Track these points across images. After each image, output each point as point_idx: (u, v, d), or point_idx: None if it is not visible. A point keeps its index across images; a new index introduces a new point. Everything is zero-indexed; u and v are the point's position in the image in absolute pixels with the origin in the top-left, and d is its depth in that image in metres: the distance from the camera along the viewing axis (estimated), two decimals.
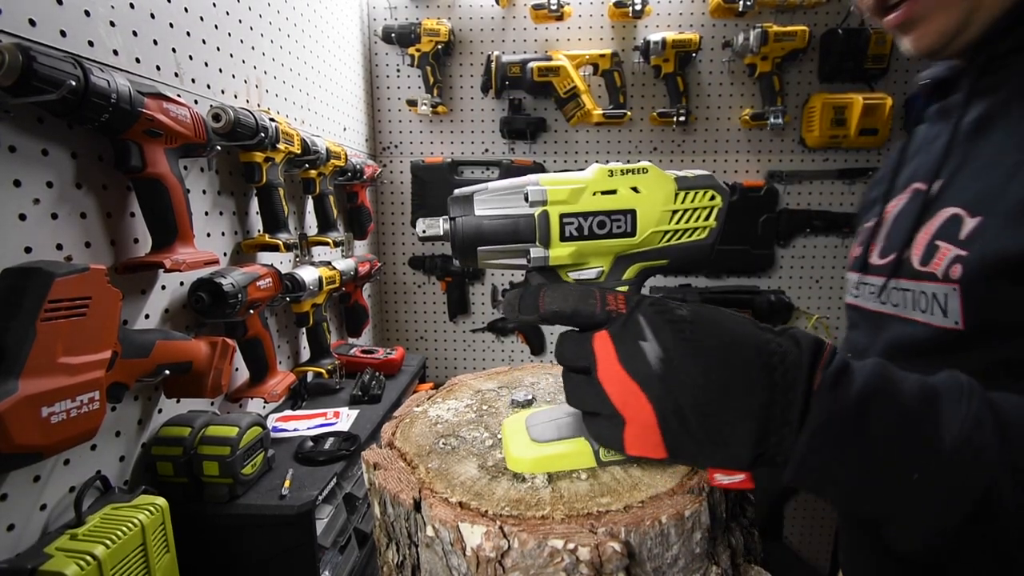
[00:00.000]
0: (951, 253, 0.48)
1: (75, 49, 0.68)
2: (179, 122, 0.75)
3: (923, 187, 0.55)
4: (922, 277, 0.51)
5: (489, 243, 0.44)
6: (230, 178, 1.02)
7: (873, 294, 0.59)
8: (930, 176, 0.54)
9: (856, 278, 0.63)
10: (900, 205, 0.59)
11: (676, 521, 0.39)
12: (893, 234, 0.59)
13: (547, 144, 1.86)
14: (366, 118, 1.82)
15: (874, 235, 0.61)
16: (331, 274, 1.24)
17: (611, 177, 0.45)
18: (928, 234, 0.52)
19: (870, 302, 0.60)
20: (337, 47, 1.57)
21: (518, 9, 1.78)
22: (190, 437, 0.77)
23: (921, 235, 0.53)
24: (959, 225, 0.48)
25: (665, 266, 0.48)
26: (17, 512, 0.61)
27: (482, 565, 0.38)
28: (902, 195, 0.60)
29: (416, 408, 0.62)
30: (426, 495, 0.43)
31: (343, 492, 0.97)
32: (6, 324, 0.52)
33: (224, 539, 0.78)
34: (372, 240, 1.91)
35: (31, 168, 0.63)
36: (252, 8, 1.09)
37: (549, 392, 0.65)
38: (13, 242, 0.61)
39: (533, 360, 1.98)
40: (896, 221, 0.59)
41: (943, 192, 0.52)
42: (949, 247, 0.49)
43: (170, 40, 0.86)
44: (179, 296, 0.87)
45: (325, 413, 1.10)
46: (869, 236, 0.62)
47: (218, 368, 0.82)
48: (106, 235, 0.74)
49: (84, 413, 0.58)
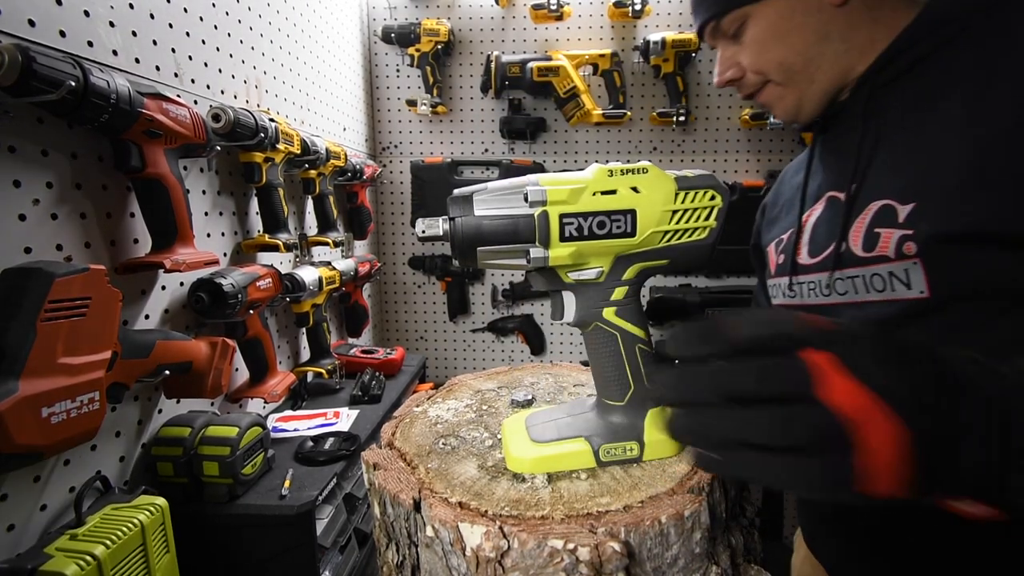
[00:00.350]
0: (896, 234, 0.55)
1: (75, 49, 0.68)
2: (179, 122, 0.75)
3: (838, 195, 0.65)
4: (870, 262, 0.58)
5: (489, 243, 0.44)
6: (230, 178, 1.02)
7: (814, 290, 0.65)
8: (844, 184, 0.63)
9: (786, 281, 0.70)
10: (817, 213, 0.68)
11: (676, 521, 0.39)
12: (818, 237, 0.66)
13: (547, 144, 1.86)
14: (366, 118, 1.82)
15: (796, 243, 0.69)
16: (331, 274, 1.24)
17: (611, 177, 0.45)
18: (862, 225, 0.59)
19: (813, 298, 0.66)
20: (337, 47, 1.57)
21: (518, 9, 1.77)
22: (190, 437, 0.77)
23: (854, 229, 0.60)
24: (894, 213, 0.56)
25: (665, 266, 0.48)
26: (17, 512, 0.61)
27: (482, 565, 0.38)
28: (816, 206, 0.68)
29: (416, 408, 0.62)
30: (426, 495, 0.43)
31: (343, 492, 0.97)
32: (6, 324, 0.52)
33: (224, 539, 0.78)
34: (372, 240, 1.91)
35: (31, 168, 0.63)
36: (252, 8, 1.09)
37: (549, 392, 0.65)
38: (13, 242, 0.61)
39: (533, 360, 1.98)
40: (817, 226, 0.66)
41: (861, 193, 0.61)
42: (891, 231, 0.56)
43: (170, 40, 0.86)
44: (179, 296, 0.87)
45: (325, 413, 1.10)
46: (791, 244, 0.70)
47: (218, 368, 0.82)
48: (106, 235, 0.74)
49: (84, 413, 0.58)
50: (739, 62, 0.68)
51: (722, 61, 0.70)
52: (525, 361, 1.99)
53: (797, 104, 0.67)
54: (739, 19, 0.65)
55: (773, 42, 0.64)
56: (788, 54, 0.64)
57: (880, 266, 0.58)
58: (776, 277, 0.73)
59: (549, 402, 0.61)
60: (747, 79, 0.69)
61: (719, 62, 0.71)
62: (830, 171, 0.68)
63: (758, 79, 0.68)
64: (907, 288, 0.55)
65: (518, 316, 1.94)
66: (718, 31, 0.68)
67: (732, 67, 0.69)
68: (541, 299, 1.93)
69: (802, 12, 0.63)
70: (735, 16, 0.65)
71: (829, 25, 0.63)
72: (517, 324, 1.93)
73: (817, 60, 0.64)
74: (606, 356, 0.48)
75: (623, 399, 0.48)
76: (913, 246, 0.54)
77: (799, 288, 0.68)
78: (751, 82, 0.69)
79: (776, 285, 0.73)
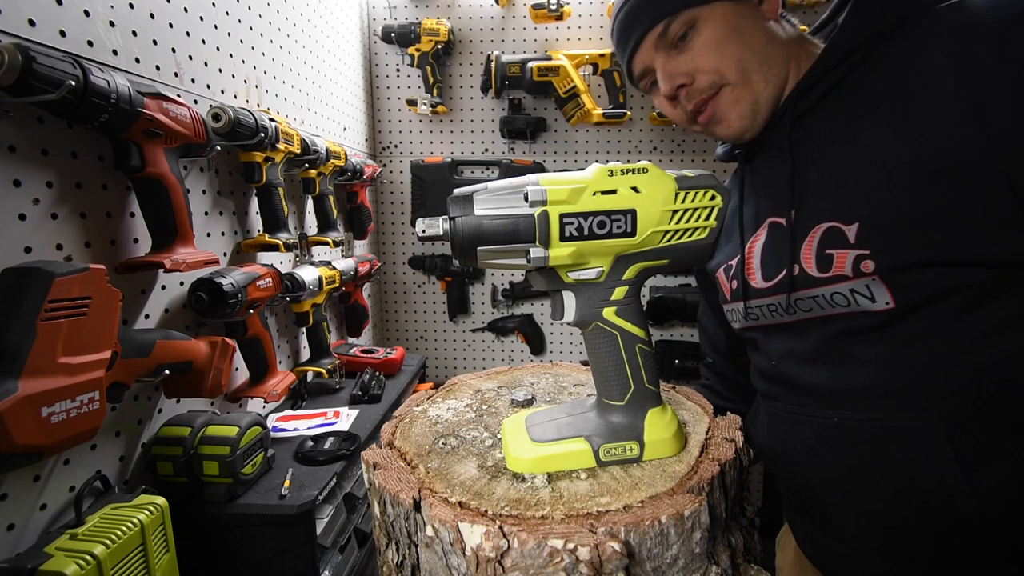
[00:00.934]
0: (850, 255, 0.58)
1: (75, 49, 0.68)
2: (179, 122, 0.75)
3: (779, 220, 0.66)
4: (828, 282, 0.60)
5: (489, 243, 0.44)
6: (230, 178, 1.02)
7: (775, 311, 0.67)
8: (783, 210, 0.65)
9: (743, 306, 0.72)
10: (762, 240, 0.69)
11: (676, 521, 0.39)
12: (768, 261, 0.68)
13: (547, 144, 1.86)
14: (366, 118, 1.82)
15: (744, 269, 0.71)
16: (331, 274, 1.24)
17: (611, 177, 0.45)
18: (811, 248, 0.62)
19: (776, 318, 0.68)
20: (337, 47, 1.56)
21: (518, 9, 1.77)
22: (190, 437, 0.77)
23: (804, 251, 0.62)
24: (842, 234, 0.59)
25: (665, 266, 0.48)
26: (17, 512, 0.61)
27: (482, 565, 0.38)
28: (759, 232, 0.69)
29: (416, 408, 0.62)
30: (426, 495, 0.43)
31: (343, 492, 0.97)
32: (6, 324, 0.52)
33: (224, 539, 0.78)
34: (372, 240, 1.91)
35: (31, 168, 0.63)
36: (252, 8, 1.09)
37: (549, 392, 0.65)
38: (13, 242, 0.61)
39: (533, 360, 1.98)
40: (765, 252, 0.68)
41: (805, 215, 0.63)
42: (845, 251, 0.58)
43: (170, 40, 0.86)
44: (179, 296, 0.87)
45: (325, 413, 1.10)
46: (740, 270, 0.72)
47: (218, 368, 0.82)
48: (106, 235, 0.74)
49: (84, 413, 0.58)
50: (685, 70, 0.67)
51: (666, 71, 0.68)
52: (525, 361, 1.99)
53: (753, 108, 0.67)
54: (688, 22, 0.65)
55: (729, 40, 0.65)
56: (745, 51, 0.65)
57: (839, 284, 0.59)
58: (732, 303, 0.74)
59: (549, 402, 0.61)
60: (699, 83, 0.67)
61: (662, 75, 0.69)
62: (765, 198, 0.70)
63: (712, 81, 0.66)
64: (872, 301, 0.58)
65: (518, 316, 1.94)
66: (664, 38, 0.67)
67: (679, 75, 0.68)
68: (541, 299, 1.93)
69: (749, 17, 0.65)
70: (685, 18, 0.65)
71: (771, 32, 0.66)
72: (517, 324, 1.93)
73: (769, 62, 0.65)
74: (606, 356, 0.48)
75: (623, 399, 0.48)
76: (871, 264, 0.56)
77: (759, 311, 0.70)
78: (704, 85, 0.67)
79: (734, 310, 0.74)
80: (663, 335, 1.92)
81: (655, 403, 0.49)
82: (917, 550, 0.59)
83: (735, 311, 0.74)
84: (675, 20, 0.65)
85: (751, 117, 0.67)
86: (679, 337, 1.91)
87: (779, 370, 0.69)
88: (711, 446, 0.50)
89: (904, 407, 0.57)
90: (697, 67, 0.66)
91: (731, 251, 0.76)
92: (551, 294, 0.49)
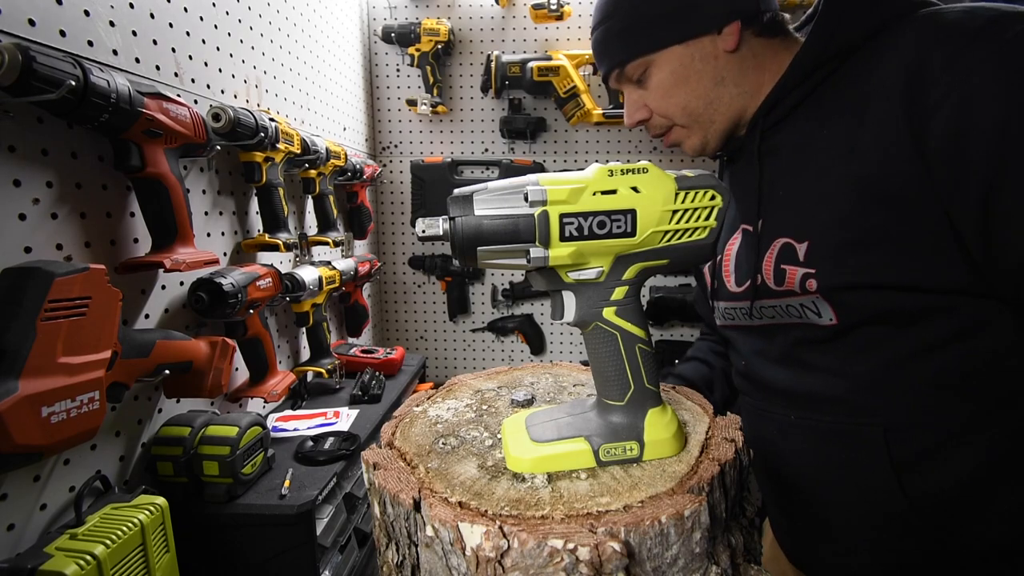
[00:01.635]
0: (799, 273, 0.61)
1: (75, 49, 0.68)
2: (179, 122, 0.75)
3: (748, 227, 0.69)
4: (782, 295, 0.63)
5: (489, 243, 0.44)
6: (230, 178, 1.02)
7: (745, 314, 0.70)
8: (752, 218, 0.67)
9: (724, 305, 0.75)
10: (737, 244, 0.71)
11: (676, 521, 0.39)
12: (740, 267, 0.70)
13: (547, 144, 1.86)
14: (366, 118, 1.82)
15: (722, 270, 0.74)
16: (331, 274, 1.24)
17: (611, 177, 0.45)
18: (771, 261, 0.64)
19: (744, 320, 0.71)
20: (337, 47, 1.56)
21: (518, 9, 1.77)
22: (190, 437, 0.77)
23: (765, 263, 0.65)
24: (794, 251, 0.61)
25: (665, 266, 0.48)
26: (17, 512, 0.61)
27: (482, 565, 0.38)
28: (735, 236, 0.72)
29: (416, 408, 0.62)
30: (426, 495, 0.43)
31: (343, 492, 0.97)
32: (6, 324, 0.52)
33: (224, 539, 0.78)
34: (372, 240, 1.91)
35: (31, 168, 0.63)
36: (252, 8, 1.09)
37: (549, 392, 0.65)
38: (13, 242, 0.61)
39: (533, 360, 1.98)
40: (739, 257, 0.71)
41: (768, 227, 0.65)
42: (795, 268, 0.61)
43: (170, 40, 0.86)
44: (179, 296, 0.87)
45: (325, 413, 1.10)
46: (719, 271, 0.75)
47: (218, 368, 0.82)
48: (106, 235, 0.74)
49: (84, 413, 0.58)
50: (645, 104, 0.72)
51: (629, 104, 0.73)
52: (525, 361, 1.99)
53: (703, 143, 0.72)
54: (642, 66, 0.69)
55: (675, 88, 0.68)
56: (690, 98, 0.68)
57: (791, 298, 0.63)
58: (715, 301, 0.77)
59: (549, 402, 0.61)
60: (654, 121, 0.73)
61: (626, 105, 0.74)
62: (739, 203, 0.72)
63: (664, 122, 0.72)
64: (818, 316, 0.61)
65: (518, 316, 1.94)
66: (623, 77, 0.71)
67: (639, 109, 0.72)
68: (541, 299, 1.93)
69: (700, 59, 0.66)
70: (638, 64, 0.68)
71: (723, 71, 0.67)
72: (517, 324, 1.93)
73: (715, 103, 0.68)
74: (606, 356, 0.48)
75: (623, 399, 0.48)
76: (815, 283, 0.59)
77: (732, 312, 0.73)
78: (658, 124, 0.73)
79: (717, 308, 0.78)
80: (663, 335, 1.92)
81: (655, 403, 0.49)
82: (859, 542, 0.64)
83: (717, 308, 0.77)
84: (628, 65, 0.69)
85: (701, 148, 0.73)
86: (679, 337, 1.91)
87: (750, 369, 0.74)
88: (711, 446, 0.50)
89: (849, 412, 0.62)
90: (649, 104, 0.71)
91: None
92: (551, 294, 0.49)
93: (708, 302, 0.94)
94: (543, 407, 0.56)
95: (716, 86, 0.67)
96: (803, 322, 0.63)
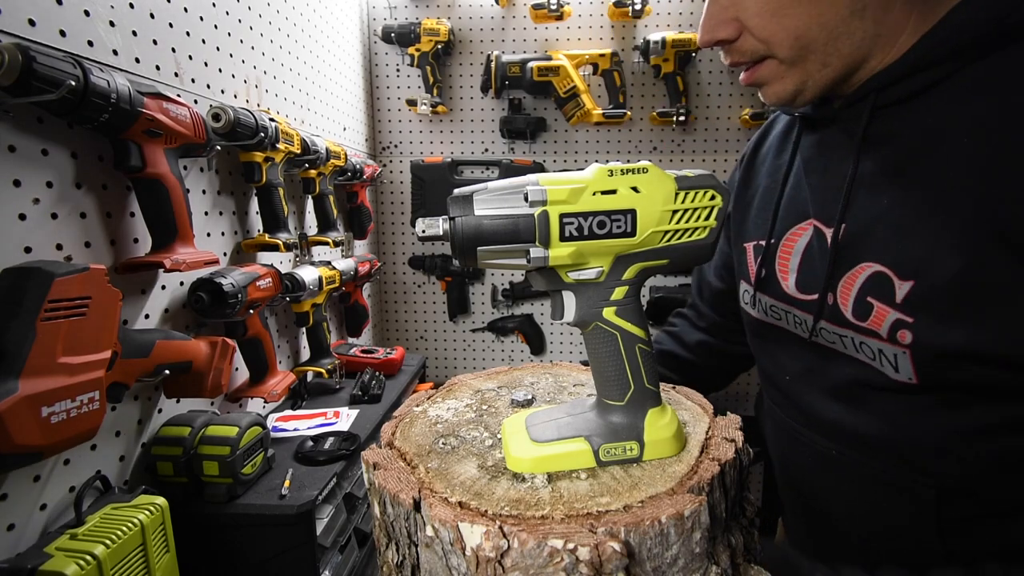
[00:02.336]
0: (890, 315, 0.50)
1: (75, 49, 0.68)
2: (179, 122, 0.75)
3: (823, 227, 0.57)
4: (860, 331, 0.53)
5: (489, 243, 0.44)
6: (230, 178, 1.02)
7: (800, 325, 0.60)
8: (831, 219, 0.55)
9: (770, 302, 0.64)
10: (803, 240, 0.60)
11: (676, 521, 0.39)
12: (806, 270, 0.59)
13: (547, 144, 1.86)
14: (366, 118, 1.82)
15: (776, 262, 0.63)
16: (331, 274, 1.24)
17: (611, 177, 0.45)
18: (852, 286, 0.53)
19: (800, 331, 0.61)
20: (337, 47, 1.56)
21: (518, 9, 1.77)
22: (190, 437, 0.77)
23: (843, 285, 0.54)
24: (891, 286, 0.49)
25: (665, 266, 0.48)
26: (17, 512, 0.61)
27: (482, 565, 0.38)
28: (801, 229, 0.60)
29: (416, 408, 0.62)
30: (426, 495, 0.43)
31: (343, 492, 0.97)
32: (6, 324, 0.52)
33: (224, 539, 0.78)
34: (372, 240, 1.91)
35: (31, 168, 0.63)
36: (252, 8, 1.09)
37: (549, 392, 0.65)
38: (13, 242, 0.61)
39: (533, 360, 1.98)
40: (806, 259, 0.60)
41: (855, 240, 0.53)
42: (887, 309, 0.50)
43: (170, 40, 0.86)
44: (179, 296, 0.87)
45: (325, 413, 1.10)
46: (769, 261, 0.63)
47: (218, 368, 0.82)
48: (106, 235, 0.74)
49: (84, 413, 0.58)
50: (737, 17, 0.52)
51: (712, 13, 0.54)
52: (525, 361, 1.99)
53: (797, 91, 0.54)
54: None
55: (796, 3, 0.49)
56: (811, 25, 0.50)
57: (871, 339, 0.53)
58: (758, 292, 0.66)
59: (549, 402, 0.61)
60: (743, 44, 0.54)
61: (708, 12, 0.54)
62: (815, 190, 0.59)
63: (758, 48, 0.53)
64: (895, 371, 0.52)
65: (518, 316, 1.94)
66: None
67: (726, 23, 0.53)
68: (541, 299, 1.93)
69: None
70: None
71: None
72: (517, 324, 1.93)
73: (841, 39, 0.50)
74: (606, 356, 0.48)
75: (623, 399, 0.48)
76: (908, 336, 0.49)
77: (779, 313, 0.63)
78: (748, 48, 0.54)
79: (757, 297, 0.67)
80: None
81: (655, 403, 0.49)
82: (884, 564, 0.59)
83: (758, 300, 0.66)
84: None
85: (790, 99, 0.55)
86: None
87: (792, 388, 0.64)
88: (711, 446, 0.50)
89: (904, 466, 0.55)
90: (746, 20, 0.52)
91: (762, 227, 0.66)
92: (551, 294, 0.49)
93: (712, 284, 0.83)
94: (543, 407, 0.56)
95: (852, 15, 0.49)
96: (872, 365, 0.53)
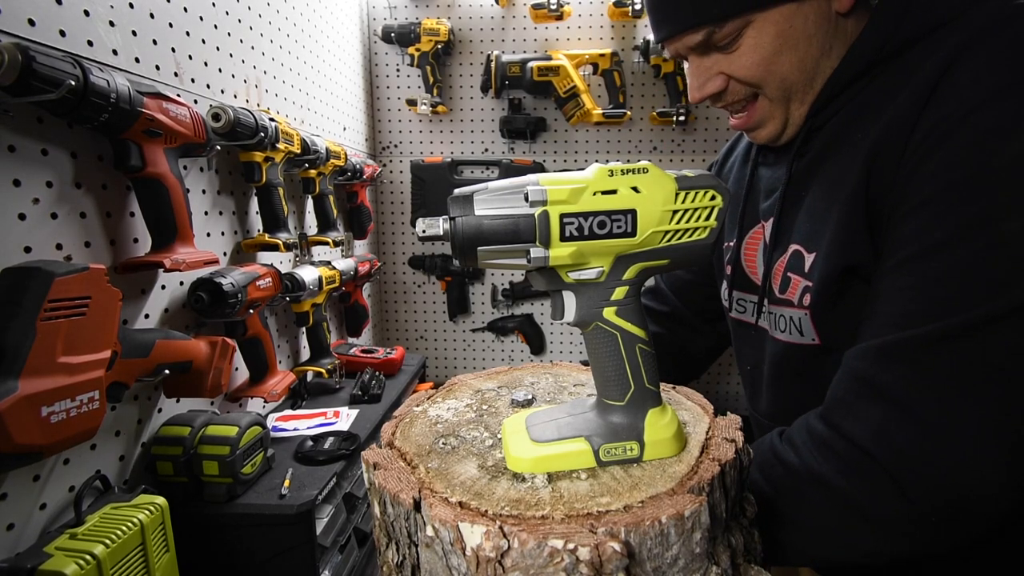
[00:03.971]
0: (801, 283, 0.58)
1: (74, 49, 0.68)
2: (179, 122, 0.75)
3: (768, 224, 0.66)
4: (783, 303, 0.61)
5: (489, 243, 0.44)
6: (230, 178, 1.02)
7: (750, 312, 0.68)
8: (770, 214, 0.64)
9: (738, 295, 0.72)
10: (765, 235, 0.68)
11: (676, 521, 0.39)
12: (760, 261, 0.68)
13: (547, 144, 1.86)
14: (366, 118, 1.82)
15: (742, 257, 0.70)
16: (331, 274, 1.24)
17: (611, 177, 0.45)
18: (782, 266, 0.62)
19: (749, 318, 0.69)
20: (337, 47, 1.56)
21: (518, 9, 1.77)
22: (190, 437, 0.77)
23: (776, 267, 0.63)
24: (802, 259, 0.58)
25: (666, 266, 0.48)
26: (17, 511, 0.61)
27: (482, 565, 0.38)
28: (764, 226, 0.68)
29: (416, 408, 0.62)
30: (426, 495, 0.43)
31: (343, 492, 0.97)
32: (6, 324, 0.52)
33: (224, 539, 0.78)
34: (372, 240, 1.91)
35: (31, 168, 0.63)
36: (252, 8, 1.09)
37: (549, 392, 0.64)
38: (13, 242, 0.61)
39: (533, 360, 1.98)
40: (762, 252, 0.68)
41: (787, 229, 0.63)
42: (799, 279, 0.58)
43: (169, 40, 0.86)
44: (179, 296, 0.87)
45: (325, 413, 1.10)
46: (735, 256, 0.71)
47: (218, 368, 0.82)
48: (106, 235, 0.74)
49: (84, 413, 0.58)
50: (722, 72, 0.60)
51: (698, 73, 0.61)
52: (525, 361, 1.99)
53: (782, 127, 0.63)
54: (740, 27, 0.57)
55: (779, 53, 0.57)
56: (793, 68, 0.58)
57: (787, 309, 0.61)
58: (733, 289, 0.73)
59: (549, 402, 0.61)
60: (733, 91, 0.62)
61: (694, 73, 0.62)
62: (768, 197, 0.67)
63: (745, 92, 0.61)
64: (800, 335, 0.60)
65: (518, 316, 1.94)
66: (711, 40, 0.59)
67: (715, 78, 0.61)
68: (541, 299, 1.93)
69: (814, 20, 0.56)
70: (737, 24, 0.56)
71: (832, 38, 0.57)
72: (517, 324, 1.93)
73: (816, 78, 0.59)
74: (606, 356, 0.48)
75: (623, 399, 0.48)
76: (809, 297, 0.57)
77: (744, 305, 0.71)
78: (740, 96, 0.62)
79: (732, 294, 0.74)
80: None
81: (655, 403, 0.49)
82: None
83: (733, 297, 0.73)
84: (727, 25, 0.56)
85: (777, 136, 0.64)
86: None
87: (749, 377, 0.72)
88: (711, 446, 0.50)
89: None
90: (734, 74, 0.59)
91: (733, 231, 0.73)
92: (551, 294, 0.49)
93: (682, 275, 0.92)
94: (543, 407, 0.56)
95: (822, 56, 0.57)
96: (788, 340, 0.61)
